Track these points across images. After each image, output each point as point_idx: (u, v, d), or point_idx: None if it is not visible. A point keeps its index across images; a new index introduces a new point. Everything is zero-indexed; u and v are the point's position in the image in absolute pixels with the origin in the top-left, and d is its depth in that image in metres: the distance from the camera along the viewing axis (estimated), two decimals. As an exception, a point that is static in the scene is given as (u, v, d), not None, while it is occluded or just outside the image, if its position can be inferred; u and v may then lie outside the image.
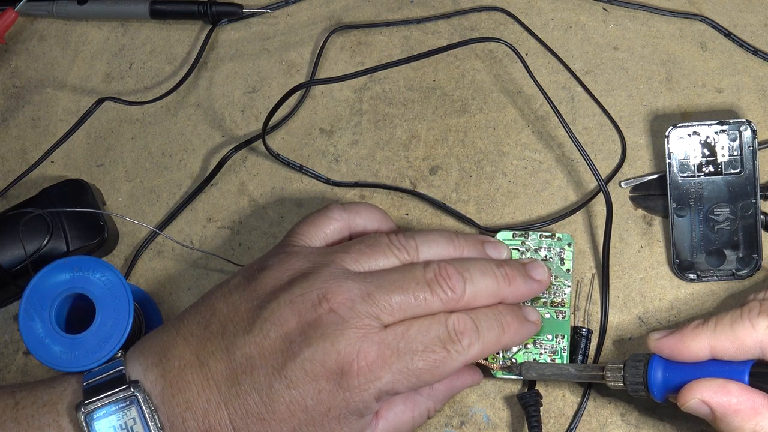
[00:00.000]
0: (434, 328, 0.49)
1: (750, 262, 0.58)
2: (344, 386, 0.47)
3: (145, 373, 0.48)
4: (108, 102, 0.64)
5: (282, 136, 0.65)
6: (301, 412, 0.47)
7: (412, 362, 0.48)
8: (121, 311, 0.54)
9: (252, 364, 0.47)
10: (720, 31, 0.64)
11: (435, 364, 0.48)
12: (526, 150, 0.63)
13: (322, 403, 0.47)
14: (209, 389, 0.47)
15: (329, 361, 0.47)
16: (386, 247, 0.51)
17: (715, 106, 0.63)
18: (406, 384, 0.48)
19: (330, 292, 0.48)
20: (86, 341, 0.53)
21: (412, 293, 0.49)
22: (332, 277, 0.49)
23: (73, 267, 0.55)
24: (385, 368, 0.47)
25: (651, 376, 0.51)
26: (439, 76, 0.66)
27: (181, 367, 0.47)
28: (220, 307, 0.49)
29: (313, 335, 0.47)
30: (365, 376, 0.47)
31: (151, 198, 0.65)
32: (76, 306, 0.56)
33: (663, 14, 0.65)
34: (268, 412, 0.46)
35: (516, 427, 0.57)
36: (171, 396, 0.47)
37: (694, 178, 0.59)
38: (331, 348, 0.47)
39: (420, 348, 0.48)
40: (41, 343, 0.53)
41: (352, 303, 0.48)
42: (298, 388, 0.47)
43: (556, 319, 0.57)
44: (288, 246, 0.52)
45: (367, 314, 0.48)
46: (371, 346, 0.47)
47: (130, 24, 0.70)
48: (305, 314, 0.47)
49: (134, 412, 0.46)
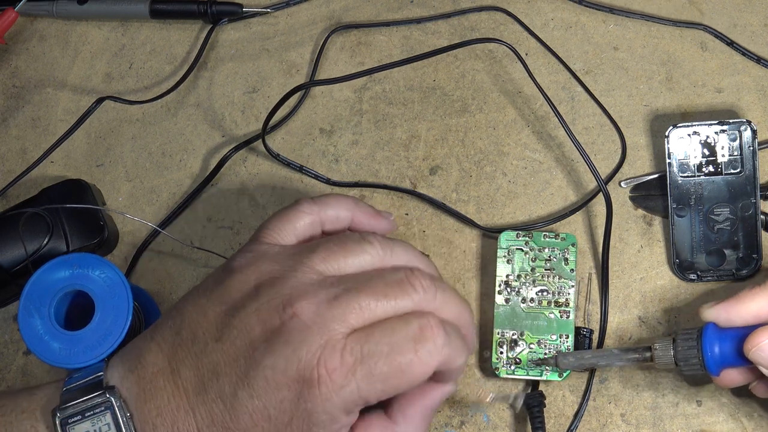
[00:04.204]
0: (400, 329, 0.45)
1: (750, 262, 0.58)
2: (305, 396, 0.44)
3: (122, 380, 0.47)
4: (108, 102, 0.64)
5: (282, 136, 0.65)
6: (264, 421, 0.45)
7: (377, 367, 0.44)
8: (120, 308, 0.54)
9: (218, 372, 0.46)
10: (722, 39, 0.64)
11: (401, 368, 0.45)
12: (526, 150, 0.63)
13: (284, 413, 0.45)
14: (179, 396, 0.46)
15: (290, 369, 0.44)
16: (356, 244, 0.49)
17: (715, 106, 0.63)
18: (373, 392, 0.45)
19: (294, 297, 0.46)
20: (86, 338, 0.53)
21: (382, 293, 0.46)
22: (298, 282, 0.47)
23: (72, 264, 0.55)
24: (348, 376, 0.44)
25: (706, 347, 0.49)
26: (439, 76, 0.66)
27: (154, 373, 0.47)
28: (189, 313, 0.48)
29: (275, 342, 0.45)
30: (327, 386, 0.44)
31: (151, 198, 0.65)
32: (76, 303, 0.56)
33: (665, 24, 0.65)
34: (233, 421, 0.45)
35: (516, 427, 0.57)
36: (143, 402, 0.46)
37: (694, 178, 0.59)
38: (292, 355, 0.45)
39: (385, 351, 0.45)
40: (41, 340, 0.53)
41: (317, 307, 0.46)
42: (261, 397, 0.45)
43: (561, 319, 0.57)
44: (257, 244, 0.51)
45: (333, 318, 0.45)
46: (333, 353, 0.44)
47: (130, 24, 0.70)
48: (269, 321, 0.46)
49: (108, 418, 0.46)
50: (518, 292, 0.58)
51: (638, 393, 0.57)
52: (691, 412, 0.56)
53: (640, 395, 0.57)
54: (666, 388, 0.57)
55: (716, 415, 0.56)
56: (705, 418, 0.56)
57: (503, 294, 0.58)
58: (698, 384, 0.56)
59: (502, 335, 0.57)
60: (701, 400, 0.56)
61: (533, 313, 0.57)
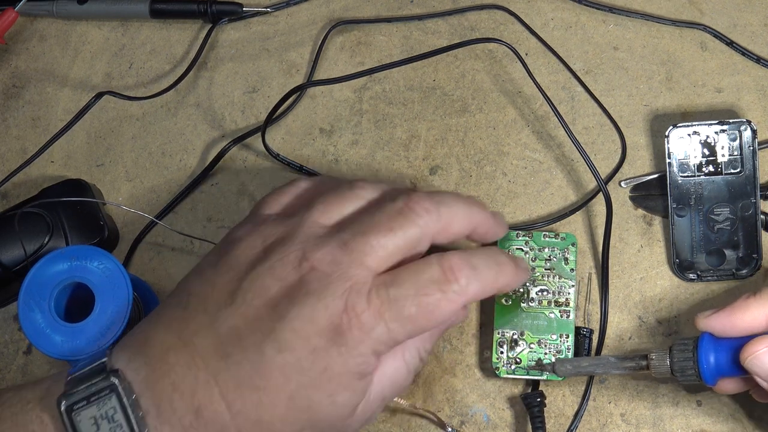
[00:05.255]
0: (425, 270, 0.46)
1: (750, 261, 0.58)
2: (339, 342, 0.44)
3: (129, 363, 0.47)
4: (108, 102, 0.64)
5: (282, 136, 0.65)
6: (296, 374, 0.44)
7: (405, 308, 0.45)
8: (120, 298, 0.54)
9: (239, 335, 0.45)
10: (722, 40, 0.64)
11: (430, 308, 0.45)
12: (526, 150, 0.63)
13: (317, 362, 0.44)
14: (196, 367, 0.45)
15: (319, 317, 0.44)
16: (349, 191, 0.49)
17: (715, 105, 0.63)
18: (402, 332, 0.45)
19: (307, 251, 0.46)
20: (87, 330, 0.53)
21: (387, 227, 0.46)
22: (306, 236, 0.47)
23: (70, 256, 0.55)
24: (377, 318, 0.45)
25: (702, 357, 0.49)
26: (439, 76, 0.66)
27: (163, 351, 0.46)
28: (195, 288, 0.48)
29: (298, 295, 0.45)
30: (359, 330, 0.44)
31: (151, 198, 0.65)
32: (76, 295, 0.56)
33: (665, 23, 0.65)
34: (262, 380, 0.45)
35: (516, 427, 0.57)
36: (155, 381, 0.46)
37: (694, 177, 0.59)
38: (318, 304, 0.44)
39: (411, 292, 0.45)
40: (42, 333, 0.53)
41: (333, 257, 0.46)
42: (291, 350, 0.44)
43: (561, 319, 0.57)
44: (255, 216, 0.51)
45: (350, 263, 0.46)
46: (360, 296, 0.45)
47: (130, 24, 0.70)
48: (286, 278, 0.46)
49: (114, 401, 0.45)
50: (518, 291, 0.58)
51: (638, 393, 0.57)
52: (691, 412, 0.56)
53: (640, 395, 0.57)
54: (666, 388, 0.57)
55: (716, 415, 0.56)
56: (705, 418, 0.56)
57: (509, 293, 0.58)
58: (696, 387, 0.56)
59: (503, 335, 0.57)
60: (701, 400, 0.56)
61: (533, 312, 0.57)
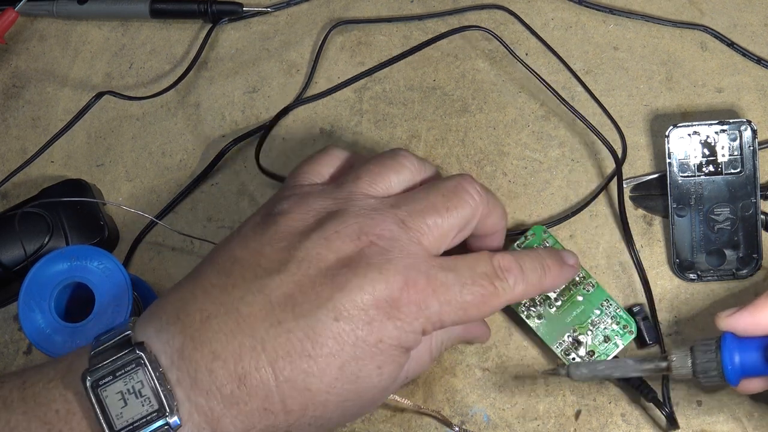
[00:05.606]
0: (480, 263, 0.48)
1: (750, 261, 0.58)
2: (395, 315, 0.45)
3: (159, 334, 0.45)
4: (108, 102, 0.64)
5: (282, 136, 0.65)
6: (350, 345, 0.45)
7: (461, 294, 0.47)
8: (120, 297, 0.54)
9: (293, 302, 0.45)
10: (722, 41, 0.64)
11: (482, 299, 0.47)
12: (526, 150, 0.63)
13: (372, 333, 0.45)
14: (242, 334, 0.44)
15: (379, 289, 0.45)
16: (392, 161, 0.51)
17: (716, 105, 0.63)
18: (453, 317, 0.47)
19: (366, 225, 0.47)
20: (87, 329, 0.53)
21: (444, 207, 0.48)
22: (361, 210, 0.47)
23: (70, 256, 0.55)
24: (434, 298, 0.46)
25: (726, 357, 0.48)
26: (439, 76, 0.66)
27: (203, 319, 0.45)
28: (240, 254, 0.47)
29: (358, 266, 0.45)
30: (416, 305, 0.46)
31: (152, 198, 0.65)
32: (76, 295, 0.56)
33: (665, 24, 0.65)
34: (315, 348, 0.44)
35: (516, 427, 0.57)
36: (193, 350, 0.44)
37: (694, 177, 0.59)
38: (379, 276, 0.45)
39: (469, 281, 0.47)
40: (42, 333, 0.53)
41: (391, 233, 0.47)
42: (348, 319, 0.45)
43: (590, 293, 0.57)
44: (295, 188, 0.50)
45: (409, 241, 0.47)
46: (419, 274, 0.46)
47: (131, 24, 0.70)
48: (344, 249, 0.46)
49: (141, 375, 0.44)
50: (540, 302, 0.57)
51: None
52: (691, 412, 0.56)
53: (640, 395, 0.57)
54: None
55: (716, 415, 0.56)
56: (705, 418, 0.56)
57: (533, 313, 0.57)
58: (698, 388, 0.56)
59: (561, 345, 0.56)
60: (701, 400, 0.56)
61: (565, 308, 0.57)
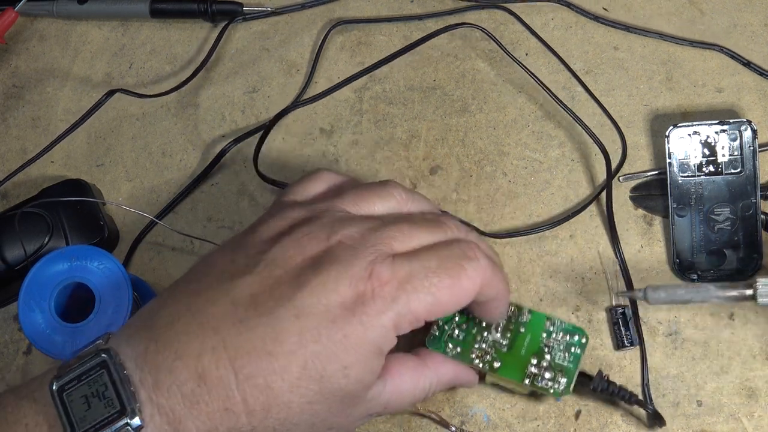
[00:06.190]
0: (445, 249, 0.47)
1: (750, 262, 0.58)
2: (360, 311, 0.44)
3: (128, 340, 0.46)
4: (108, 102, 0.64)
5: (282, 136, 0.65)
6: (312, 342, 0.44)
7: (427, 279, 0.46)
8: (120, 298, 0.54)
9: (257, 301, 0.45)
10: (738, 60, 0.63)
11: (451, 281, 0.46)
12: (526, 150, 0.63)
13: (336, 330, 0.44)
14: (204, 334, 0.44)
15: (342, 285, 0.45)
16: (382, 189, 0.51)
17: (716, 105, 0.63)
18: (425, 306, 0.46)
19: (337, 227, 0.47)
20: (87, 330, 0.53)
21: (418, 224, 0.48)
22: (336, 218, 0.48)
23: (70, 256, 0.55)
24: (400, 289, 0.45)
25: None
26: (439, 76, 0.66)
27: (169, 322, 0.45)
28: (214, 261, 0.48)
29: (322, 264, 0.45)
30: (381, 299, 0.45)
31: (152, 198, 0.65)
32: (76, 295, 0.56)
33: (682, 44, 0.64)
34: (276, 345, 0.44)
35: (516, 427, 0.57)
36: (156, 352, 0.44)
37: (695, 177, 0.59)
38: (343, 272, 0.45)
39: (434, 265, 0.46)
40: (42, 333, 0.53)
41: (361, 235, 0.47)
42: (310, 316, 0.44)
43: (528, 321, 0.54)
44: (280, 203, 0.51)
45: (377, 241, 0.46)
46: (384, 266, 0.45)
47: (131, 23, 0.70)
48: (312, 250, 0.46)
49: (105, 378, 0.44)
50: (490, 348, 0.54)
51: (638, 393, 0.57)
52: (691, 412, 0.56)
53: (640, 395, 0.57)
54: (666, 388, 0.57)
55: (716, 415, 0.56)
56: (705, 418, 0.56)
57: (488, 360, 0.53)
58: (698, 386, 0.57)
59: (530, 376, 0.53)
60: (701, 400, 0.56)
61: (517, 343, 0.54)
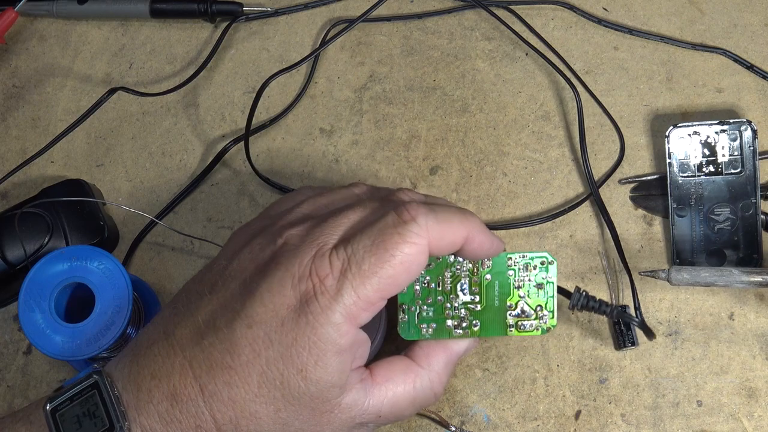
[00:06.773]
0: (381, 219, 0.45)
1: (750, 262, 0.58)
2: (306, 311, 0.44)
3: (117, 364, 0.47)
4: (108, 102, 0.64)
5: (282, 136, 0.65)
6: (266, 349, 0.44)
7: (365, 260, 0.44)
8: (120, 298, 0.54)
9: (214, 318, 0.46)
10: (742, 63, 0.63)
11: (390, 253, 0.44)
12: (526, 150, 0.63)
13: (286, 334, 0.44)
14: (174, 354, 0.46)
15: (285, 287, 0.45)
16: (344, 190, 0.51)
17: (716, 106, 0.63)
18: (370, 288, 0.44)
19: (284, 229, 0.47)
20: (87, 330, 0.53)
21: (356, 205, 0.47)
22: (287, 222, 0.48)
23: (70, 256, 0.55)
24: (341, 279, 0.44)
25: None
26: (439, 76, 0.66)
27: (148, 345, 0.47)
28: (188, 285, 0.49)
29: (268, 269, 0.46)
30: (323, 295, 0.44)
31: (152, 198, 0.65)
32: (76, 295, 0.56)
33: (684, 47, 0.64)
34: (234, 358, 0.45)
35: (516, 427, 0.57)
36: (137, 373, 0.46)
37: (695, 178, 0.59)
38: (285, 273, 0.45)
39: (369, 243, 0.44)
40: (42, 333, 0.53)
41: (305, 232, 0.46)
42: (260, 324, 0.44)
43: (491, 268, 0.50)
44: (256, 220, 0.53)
45: (321, 233, 0.46)
46: (323, 260, 0.45)
47: (130, 23, 0.70)
48: (262, 257, 0.46)
49: (96, 398, 0.46)
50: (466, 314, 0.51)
51: (638, 393, 0.57)
52: (691, 412, 0.56)
53: (640, 395, 0.57)
54: (666, 388, 0.57)
55: (716, 415, 0.56)
56: (705, 418, 0.56)
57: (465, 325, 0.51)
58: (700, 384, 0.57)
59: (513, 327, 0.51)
60: (701, 400, 0.56)
61: (487, 295, 0.51)
